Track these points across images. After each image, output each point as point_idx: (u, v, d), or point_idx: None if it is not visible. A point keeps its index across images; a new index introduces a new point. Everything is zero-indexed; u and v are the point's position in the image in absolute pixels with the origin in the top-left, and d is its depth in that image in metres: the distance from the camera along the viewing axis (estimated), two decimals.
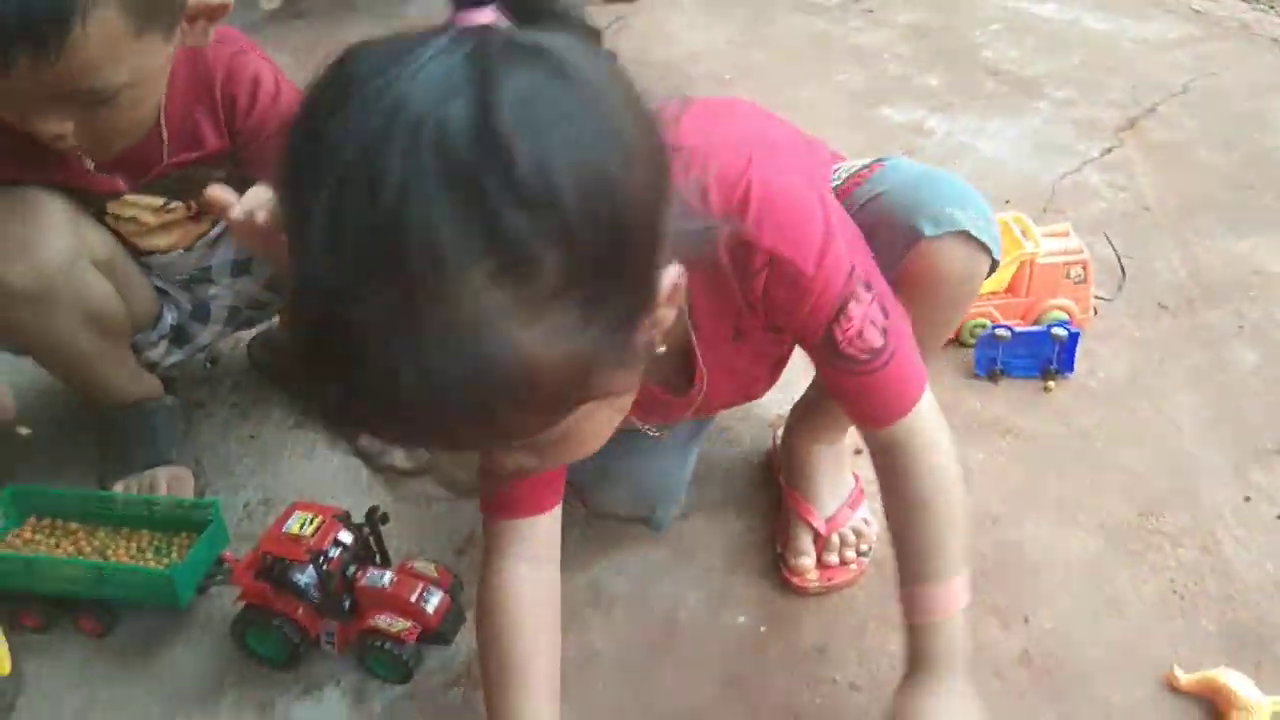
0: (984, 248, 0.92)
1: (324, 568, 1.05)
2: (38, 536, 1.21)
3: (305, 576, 1.07)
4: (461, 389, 0.51)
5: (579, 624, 1.15)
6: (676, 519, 1.26)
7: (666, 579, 1.20)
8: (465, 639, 1.12)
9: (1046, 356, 1.44)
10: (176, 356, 1.40)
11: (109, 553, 1.17)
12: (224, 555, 1.16)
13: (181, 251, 1.28)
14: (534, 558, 0.95)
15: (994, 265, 0.95)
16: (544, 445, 0.64)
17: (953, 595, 0.93)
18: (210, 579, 1.16)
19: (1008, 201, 1.84)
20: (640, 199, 0.55)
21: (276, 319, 1.50)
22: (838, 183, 1.01)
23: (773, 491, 1.28)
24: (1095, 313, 1.53)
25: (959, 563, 0.93)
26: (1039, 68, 2.34)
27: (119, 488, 1.28)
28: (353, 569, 1.09)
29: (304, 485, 1.35)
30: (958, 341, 1.50)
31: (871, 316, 0.83)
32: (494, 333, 0.51)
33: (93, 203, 1.19)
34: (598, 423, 0.66)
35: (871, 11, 2.67)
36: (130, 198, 1.19)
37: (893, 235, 0.93)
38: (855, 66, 2.39)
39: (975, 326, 1.49)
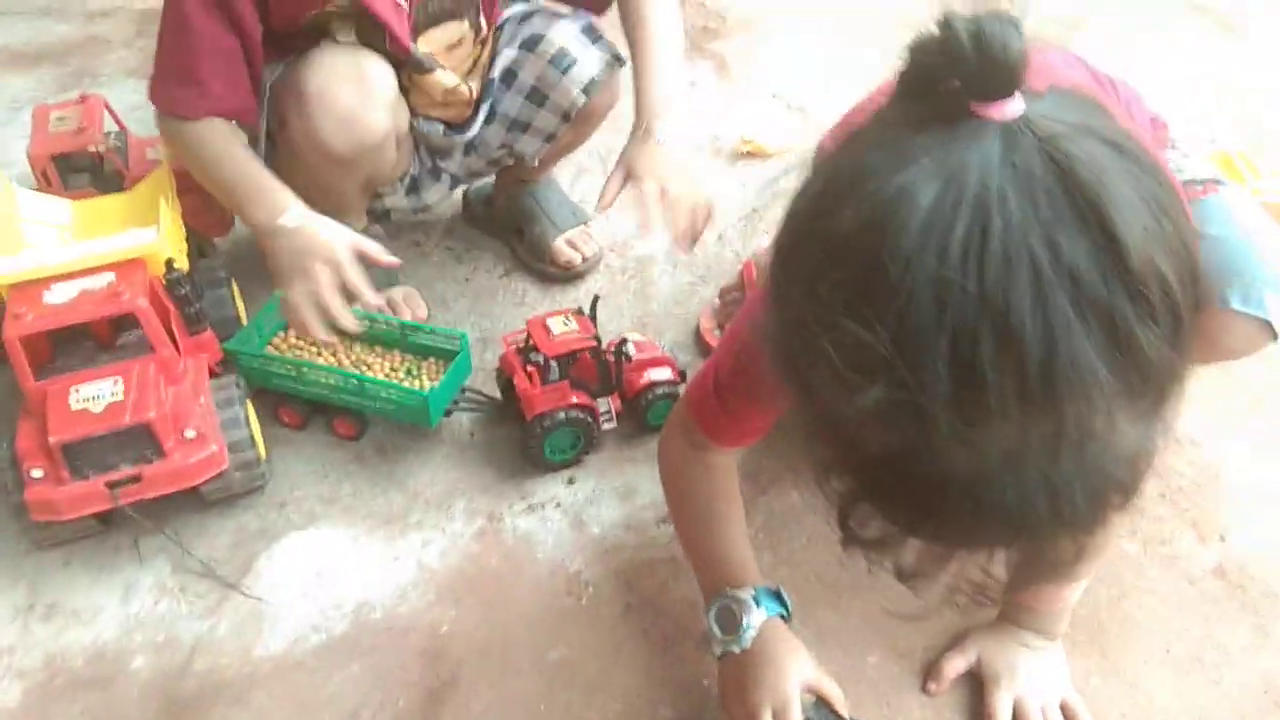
0: (1274, 335, 0.83)
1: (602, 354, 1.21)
2: (300, 343, 1.30)
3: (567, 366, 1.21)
4: (1087, 504, 0.50)
5: (782, 483, 1.21)
6: None
7: None
8: None
9: None
10: (404, 205, 1.47)
11: (364, 368, 1.27)
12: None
13: (444, 130, 1.35)
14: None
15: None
16: None
17: (1061, 597, 0.99)
18: (455, 404, 1.25)
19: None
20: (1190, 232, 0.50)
21: (492, 179, 1.57)
22: None
23: None
24: None
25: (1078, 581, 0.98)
26: None
27: (358, 306, 1.37)
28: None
29: (517, 328, 1.42)
30: None
31: None
32: (1116, 446, 0.49)
33: (400, 69, 1.25)
34: None
35: None
36: (436, 75, 1.25)
37: None
38: None
39: None
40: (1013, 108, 0.47)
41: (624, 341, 1.26)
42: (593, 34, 1.33)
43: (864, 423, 0.50)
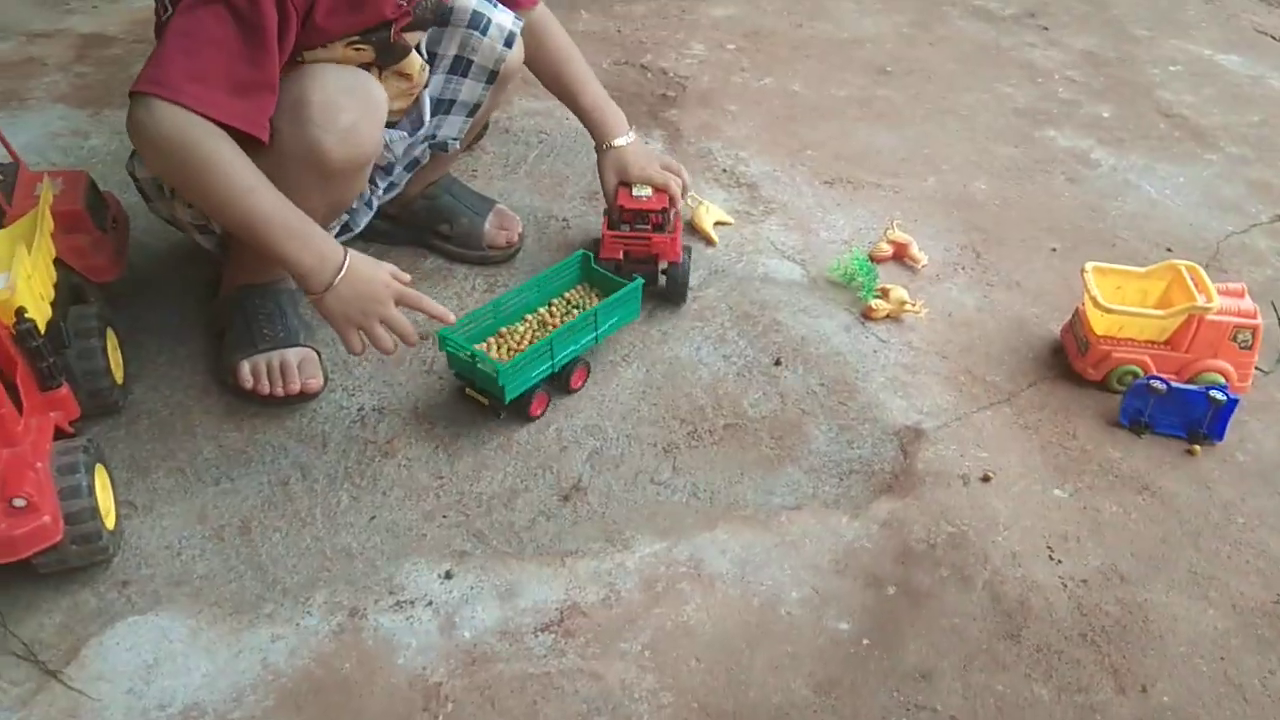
0: None
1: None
2: (503, 352, 1.35)
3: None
4: None
5: (676, 596, 1.12)
6: (788, 509, 1.22)
7: (770, 568, 1.16)
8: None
9: (1197, 419, 1.36)
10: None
11: (560, 319, 1.41)
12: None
13: (400, 134, 1.35)
14: None
15: None
16: None
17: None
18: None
19: (1169, 249, 1.76)
20: None
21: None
22: None
23: (893, 501, 1.24)
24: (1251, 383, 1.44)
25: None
26: (1216, 119, 2.22)
27: (245, 368, 1.28)
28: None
29: (419, 398, 1.33)
30: (1103, 386, 1.43)
31: None
32: None
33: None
34: None
35: (1046, 29, 2.56)
36: (412, 54, 1.25)
37: None
38: (1023, 82, 2.30)
39: (1124, 373, 1.41)
40: None
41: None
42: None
43: None
